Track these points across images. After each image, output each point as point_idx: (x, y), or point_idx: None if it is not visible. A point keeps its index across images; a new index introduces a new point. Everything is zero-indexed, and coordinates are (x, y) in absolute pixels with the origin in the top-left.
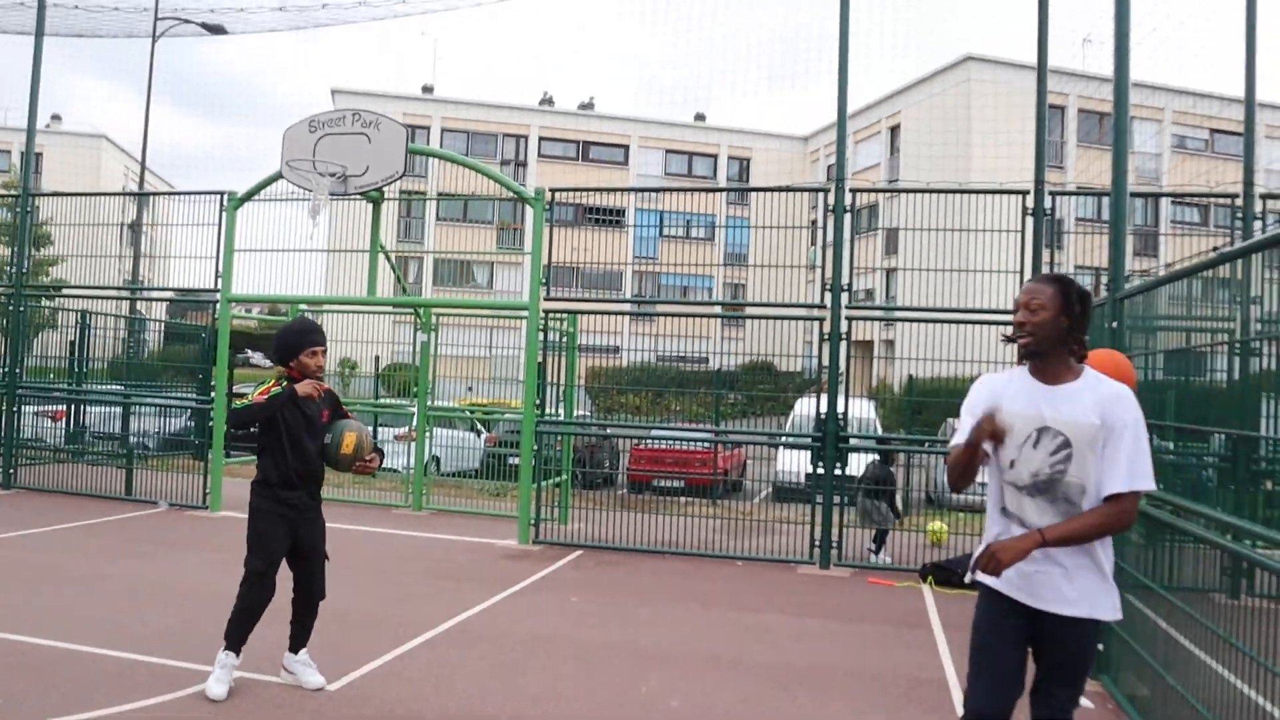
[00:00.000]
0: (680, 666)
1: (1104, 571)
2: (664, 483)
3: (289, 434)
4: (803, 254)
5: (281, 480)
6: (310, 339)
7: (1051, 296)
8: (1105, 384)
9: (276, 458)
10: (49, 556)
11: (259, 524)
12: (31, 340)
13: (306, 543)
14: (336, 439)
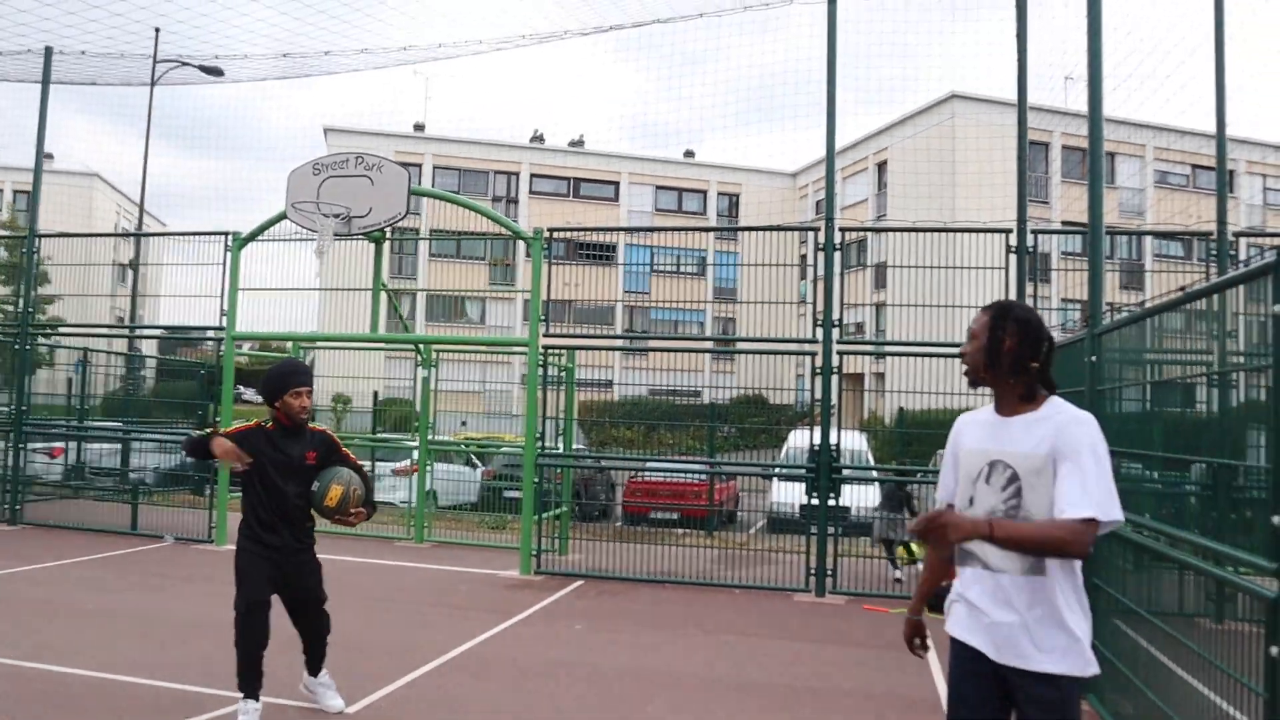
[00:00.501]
0: (684, 689)
1: (1067, 625)
2: (660, 514)
3: (263, 476)
4: (793, 289)
5: (259, 522)
6: (295, 380)
7: (984, 324)
8: (1065, 412)
9: (252, 499)
10: (62, 590)
11: (240, 561)
12: (32, 378)
13: (297, 586)
14: (323, 488)
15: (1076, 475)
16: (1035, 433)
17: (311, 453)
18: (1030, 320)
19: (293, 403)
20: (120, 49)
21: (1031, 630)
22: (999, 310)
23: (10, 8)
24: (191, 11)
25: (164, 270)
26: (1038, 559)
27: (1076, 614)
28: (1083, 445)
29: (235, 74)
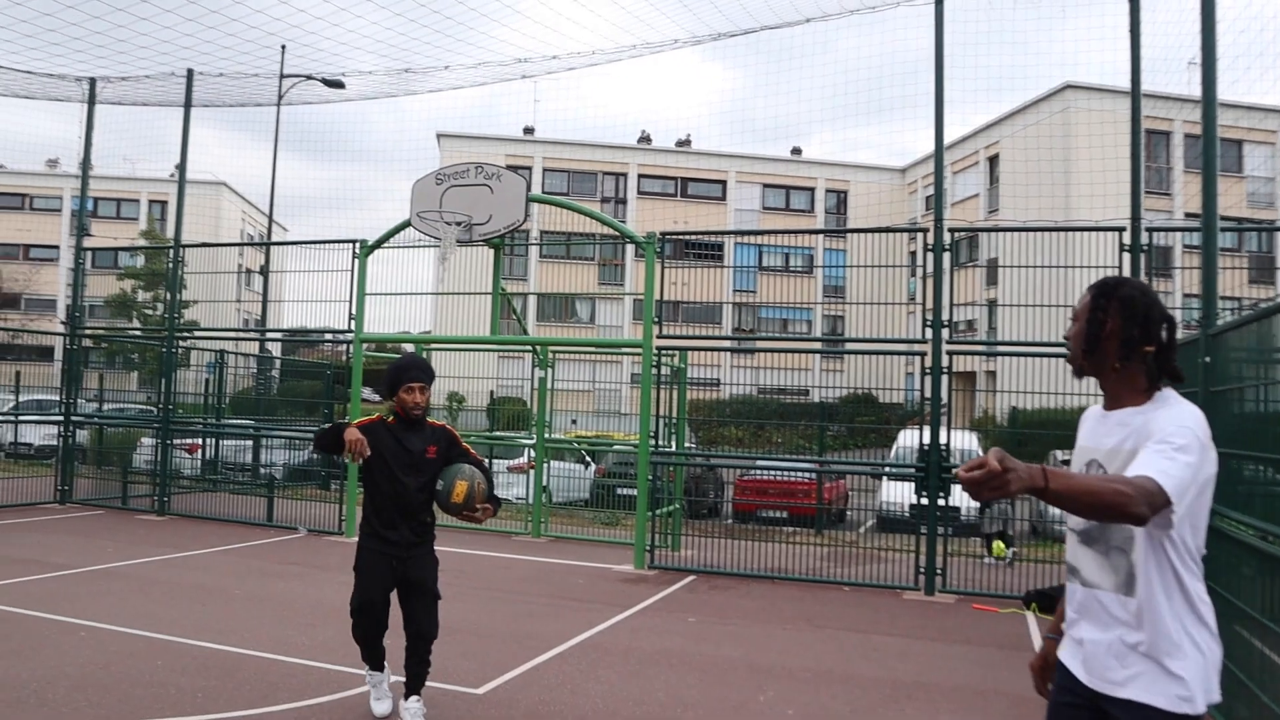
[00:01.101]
0: (794, 680)
1: (1160, 652)
2: (769, 513)
3: (384, 469)
4: (901, 287)
5: (380, 517)
6: (408, 375)
7: (1085, 304)
8: (1166, 405)
9: (373, 493)
10: (210, 576)
11: (359, 560)
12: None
13: (413, 580)
14: (448, 485)
15: (1153, 453)
16: (1129, 426)
17: (432, 447)
18: (1138, 298)
19: (405, 398)
20: (253, 68)
21: (1119, 653)
22: (1102, 288)
23: (156, 24)
24: (308, 30)
25: (291, 275)
26: (1129, 575)
27: (1181, 639)
28: (1172, 430)
29: (360, 90)
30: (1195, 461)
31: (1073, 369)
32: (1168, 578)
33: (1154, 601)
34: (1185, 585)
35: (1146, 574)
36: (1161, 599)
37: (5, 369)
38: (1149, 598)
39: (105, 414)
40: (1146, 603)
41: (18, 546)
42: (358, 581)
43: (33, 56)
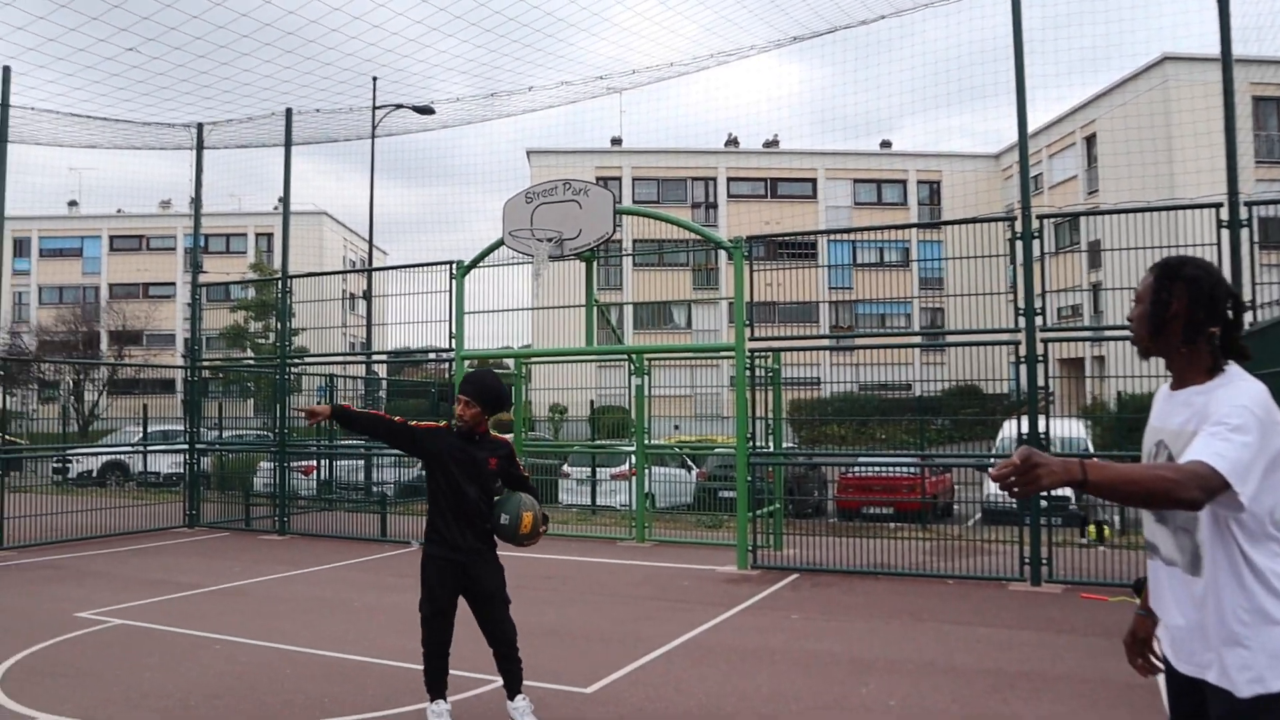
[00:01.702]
0: (896, 673)
1: (1227, 640)
2: (873, 509)
3: (449, 478)
4: (999, 276)
5: (445, 525)
6: (459, 388)
7: (1148, 286)
8: (1228, 382)
9: (438, 502)
10: (330, 590)
11: (426, 569)
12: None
13: (482, 587)
14: (514, 518)
15: (1208, 436)
16: (1192, 407)
17: (494, 459)
18: (1202, 278)
19: (456, 409)
20: (348, 102)
21: (1199, 634)
22: (1164, 269)
23: (256, 60)
24: (400, 55)
25: (393, 299)
26: (1195, 555)
27: (1250, 620)
28: (1231, 410)
29: (449, 116)
30: (1254, 440)
31: (1138, 351)
32: (1235, 559)
33: (1218, 583)
34: (1256, 565)
35: (1212, 555)
36: (1227, 580)
37: (132, 402)
38: (1213, 579)
39: (225, 441)
40: (1211, 584)
41: (153, 568)
42: (426, 590)
43: (145, 104)
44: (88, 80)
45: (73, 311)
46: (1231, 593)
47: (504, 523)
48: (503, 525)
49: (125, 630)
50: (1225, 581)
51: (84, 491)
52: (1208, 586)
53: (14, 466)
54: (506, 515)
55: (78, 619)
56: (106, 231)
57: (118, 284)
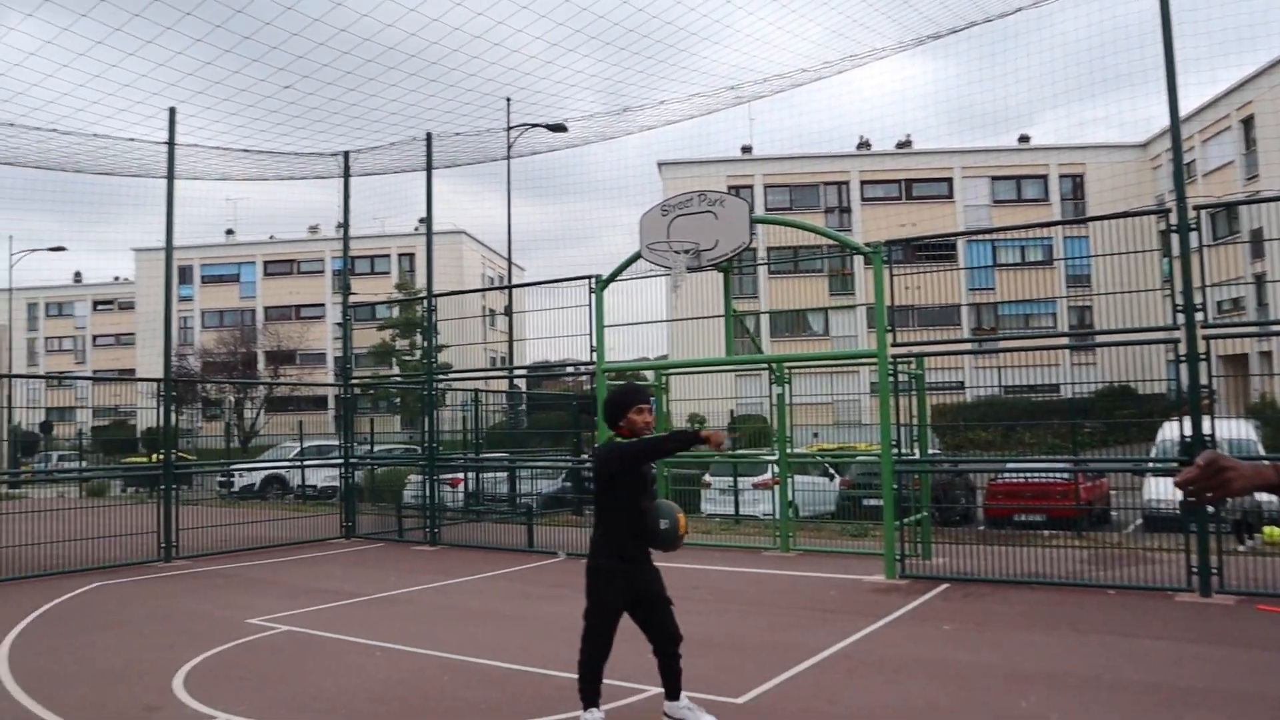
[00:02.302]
0: (1057, 686)
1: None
2: (1024, 516)
3: (632, 493)
4: (1151, 272)
5: (622, 539)
6: (640, 396)
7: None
8: None
9: (617, 516)
10: (481, 600)
11: (599, 582)
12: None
13: (650, 592)
14: (673, 522)
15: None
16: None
17: (650, 466)
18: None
19: (636, 419)
20: (483, 123)
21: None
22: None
23: (398, 89)
24: (532, 75)
25: (531, 314)
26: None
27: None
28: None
29: (580, 134)
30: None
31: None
32: None
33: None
34: None
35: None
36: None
37: (288, 419)
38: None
39: (377, 455)
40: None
41: (315, 577)
42: (598, 602)
43: (299, 136)
44: (249, 118)
45: (232, 334)
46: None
47: (665, 528)
48: (665, 531)
49: (292, 636)
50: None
51: (247, 504)
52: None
53: (184, 481)
54: (666, 521)
55: (248, 625)
56: (260, 257)
57: (272, 306)
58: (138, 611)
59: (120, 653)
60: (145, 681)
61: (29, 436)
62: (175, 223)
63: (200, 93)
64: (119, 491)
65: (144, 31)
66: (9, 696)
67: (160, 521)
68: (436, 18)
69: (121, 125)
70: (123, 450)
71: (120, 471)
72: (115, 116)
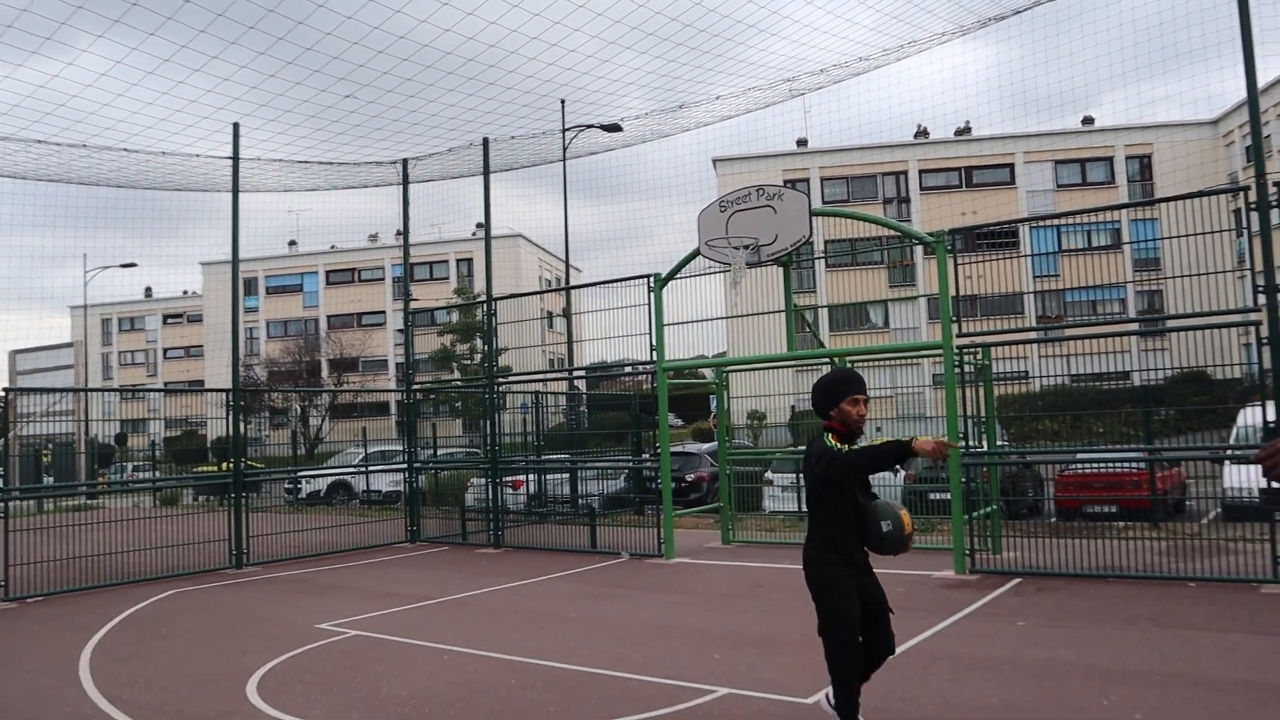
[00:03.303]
0: (1140, 683)
1: None
2: (1095, 508)
3: (850, 493)
4: (1224, 253)
5: (846, 543)
6: (853, 386)
7: None
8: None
9: (838, 520)
10: (546, 602)
11: (835, 593)
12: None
13: (875, 599)
14: (897, 523)
15: None
16: None
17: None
18: None
19: (850, 410)
20: (538, 126)
21: None
22: None
23: (459, 94)
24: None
25: (589, 315)
26: None
27: None
28: None
29: (635, 133)
30: None
31: None
32: None
33: None
34: None
35: None
36: None
37: (352, 425)
38: None
39: (440, 459)
40: None
41: (382, 582)
42: (839, 617)
43: (359, 145)
44: (310, 129)
45: (296, 343)
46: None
47: (888, 530)
48: (888, 534)
49: (361, 640)
50: None
51: (314, 510)
52: None
53: (253, 489)
54: (888, 522)
55: (319, 630)
56: (322, 267)
57: (334, 315)
58: (212, 618)
59: (196, 658)
60: (220, 687)
61: (105, 448)
62: (240, 235)
63: (263, 105)
64: (191, 500)
65: (208, 48)
66: (90, 701)
67: (231, 529)
68: (493, 20)
69: (187, 141)
70: (193, 460)
71: (192, 480)
72: (182, 133)
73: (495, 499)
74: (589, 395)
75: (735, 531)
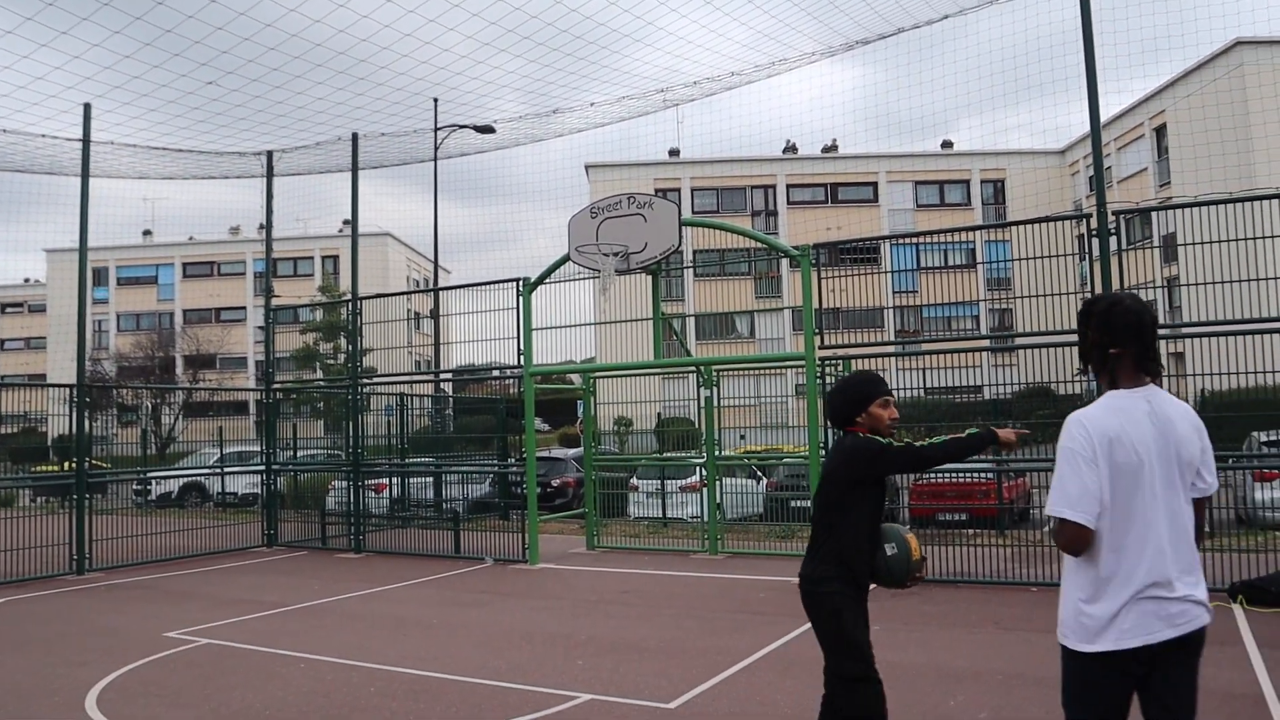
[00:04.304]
0: (985, 684)
1: (1063, 591)
2: (947, 516)
3: (874, 505)
4: (1071, 274)
5: (860, 561)
6: (881, 388)
7: (1078, 324)
8: (1085, 409)
9: (853, 534)
10: (408, 608)
11: (844, 620)
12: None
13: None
14: (904, 546)
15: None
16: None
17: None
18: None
19: (881, 413)
20: (409, 125)
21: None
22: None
23: (328, 88)
24: (456, 73)
25: (457, 317)
26: None
27: (1068, 583)
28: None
29: (509, 136)
30: (1063, 468)
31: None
32: None
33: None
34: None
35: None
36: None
37: (208, 425)
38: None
39: (300, 461)
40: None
41: (236, 588)
42: (853, 647)
43: (222, 135)
44: (169, 115)
45: (149, 337)
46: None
47: (891, 554)
48: (891, 558)
49: (212, 649)
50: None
51: (165, 513)
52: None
53: (98, 490)
54: (893, 545)
55: (166, 639)
56: (179, 259)
57: (191, 309)
58: (48, 627)
59: (29, 671)
60: (55, 701)
61: None
62: (90, 223)
63: (118, 87)
64: (28, 502)
65: (58, 22)
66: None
67: (72, 532)
68: (365, 14)
69: (33, 120)
70: (32, 459)
71: (29, 481)
72: (26, 111)
73: (357, 502)
74: (455, 398)
75: (600, 537)
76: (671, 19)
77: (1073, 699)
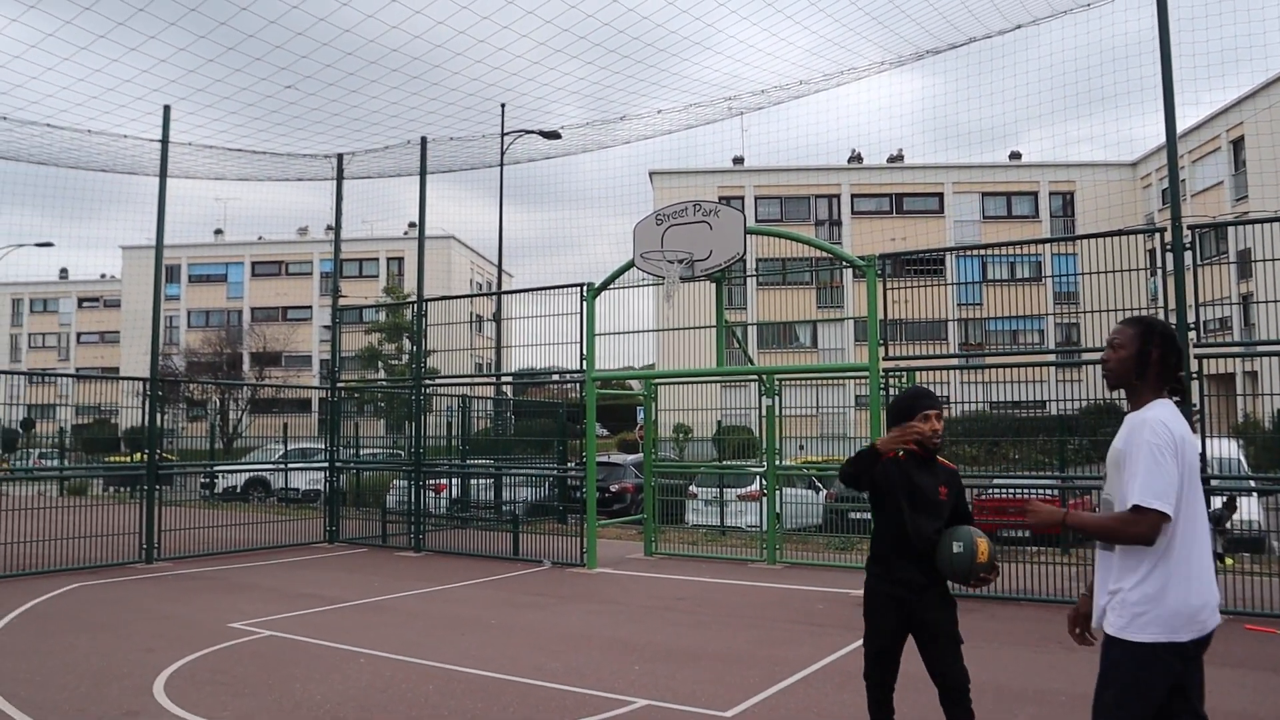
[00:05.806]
0: (1048, 704)
1: (1108, 588)
2: (1009, 532)
3: (895, 508)
4: (1140, 289)
5: (888, 557)
6: (925, 402)
7: (1131, 337)
8: (1146, 411)
9: (882, 533)
10: (466, 608)
11: (868, 604)
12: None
13: (927, 622)
14: (968, 546)
15: (1134, 471)
16: (1122, 428)
17: (944, 488)
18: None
19: (922, 427)
20: (477, 130)
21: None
22: (1142, 324)
23: (401, 92)
24: (523, 77)
25: (519, 321)
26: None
27: (1121, 581)
28: (1141, 443)
29: (577, 141)
30: (1165, 462)
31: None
32: None
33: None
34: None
35: None
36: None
37: (273, 421)
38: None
39: (362, 459)
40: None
41: (298, 582)
42: (869, 626)
43: (299, 137)
44: (246, 118)
45: (218, 334)
46: (1117, 566)
47: (956, 551)
48: (955, 555)
49: (275, 641)
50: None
51: (229, 506)
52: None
53: (165, 482)
54: (959, 543)
55: (231, 629)
56: (249, 258)
57: (259, 308)
58: (118, 614)
59: (100, 655)
60: (125, 685)
61: (9, 433)
62: (165, 221)
63: (199, 90)
64: (100, 491)
65: (146, 27)
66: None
67: (142, 522)
68: (439, 20)
69: (117, 122)
70: (104, 449)
71: (102, 470)
72: (112, 113)
73: (418, 502)
74: (516, 401)
75: (658, 544)
76: (732, 21)
77: (1137, 696)
